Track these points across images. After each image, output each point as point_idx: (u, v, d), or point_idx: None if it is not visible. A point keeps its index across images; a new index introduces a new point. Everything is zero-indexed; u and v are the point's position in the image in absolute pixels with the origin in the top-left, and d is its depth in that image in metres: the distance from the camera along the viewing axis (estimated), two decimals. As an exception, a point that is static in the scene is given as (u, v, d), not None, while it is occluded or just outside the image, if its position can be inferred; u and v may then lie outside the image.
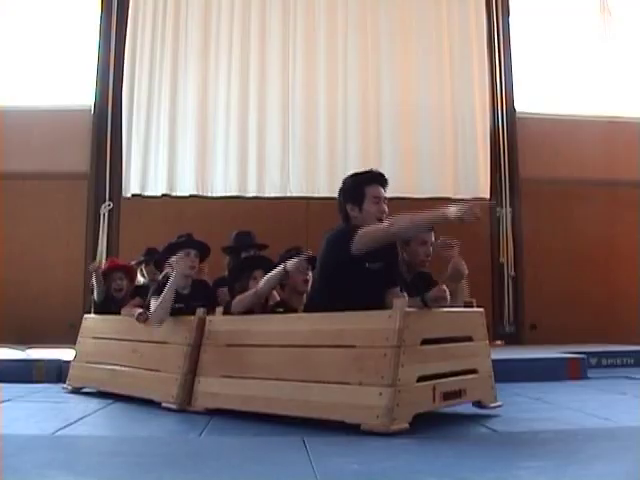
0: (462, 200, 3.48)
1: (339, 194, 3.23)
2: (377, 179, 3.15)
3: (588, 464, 2.18)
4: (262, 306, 3.59)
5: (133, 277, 4.55)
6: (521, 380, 4.63)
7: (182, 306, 3.75)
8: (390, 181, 7.40)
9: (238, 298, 3.44)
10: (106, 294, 4.47)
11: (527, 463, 2.17)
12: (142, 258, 4.77)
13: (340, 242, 3.03)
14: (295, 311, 3.51)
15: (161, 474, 2.10)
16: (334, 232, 3.14)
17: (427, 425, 2.81)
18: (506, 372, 4.47)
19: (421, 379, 2.79)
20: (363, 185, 3.12)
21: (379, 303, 2.91)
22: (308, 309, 3.26)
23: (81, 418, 3.18)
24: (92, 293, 4.59)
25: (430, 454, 2.34)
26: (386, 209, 3.12)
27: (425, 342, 2.85)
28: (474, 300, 3.31)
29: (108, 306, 4.40)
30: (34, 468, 2.10)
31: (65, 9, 7.95)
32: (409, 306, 2.89)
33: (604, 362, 5.78)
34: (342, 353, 2.87)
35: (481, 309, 3.32)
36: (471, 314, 3.27)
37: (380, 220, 3.06)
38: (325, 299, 3.03)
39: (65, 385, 4.36)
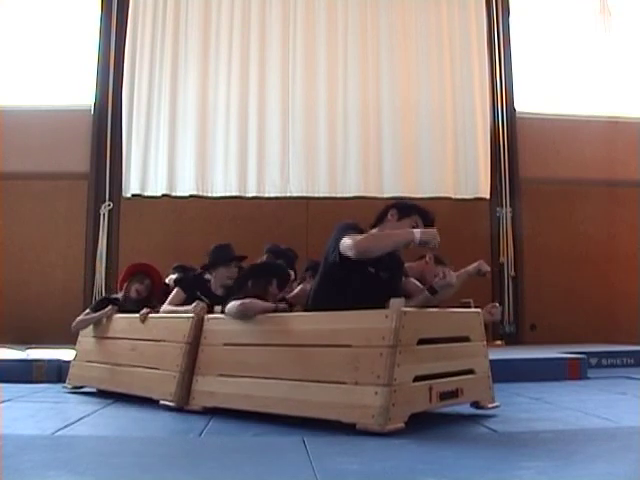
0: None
1: (392, 204, 3.34)
2: (427, 219, 3.25)
3: (588, 464, 2.18)
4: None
5: (155, 277, 4.47)
6: (521, 380, 4.63)
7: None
8: (390, 181, 7.45)
9: (248, 301, 3.34)
10: (125, 295, 4.39)
11: (527, 463, 2.17)
12: (174, 274, 4.63)
13: (337, 240, 3.06)
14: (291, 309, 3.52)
15: (161, 474, 2.10)
16: (338, 229, 3.14)
17: (426, 425, 2.81)
18: (506, 372, 4.48)
19: (417, 379, 2.78)
20: (415, 211, 3.26)
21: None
22: (310, 306, 3.25)
23: (81, 418, 3.18)
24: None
25: (430, 454, 2.34)
26: None
27: (422, 342, 2.85)
28: (471, 300, 3.31)
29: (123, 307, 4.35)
30: (34, 468, 2.10)
31: (65, 9, 7.95)
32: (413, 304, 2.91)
33: (604, 362, 5.78)
34: (338, 352, 2.87)
35: (478, 309, 3.32)
36: (468, 314, 3.27)
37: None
38: (326, 297, 3.03)
39: (65, 384, 4.36)
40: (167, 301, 3.94)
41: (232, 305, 3.35)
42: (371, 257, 2.98)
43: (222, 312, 3.50)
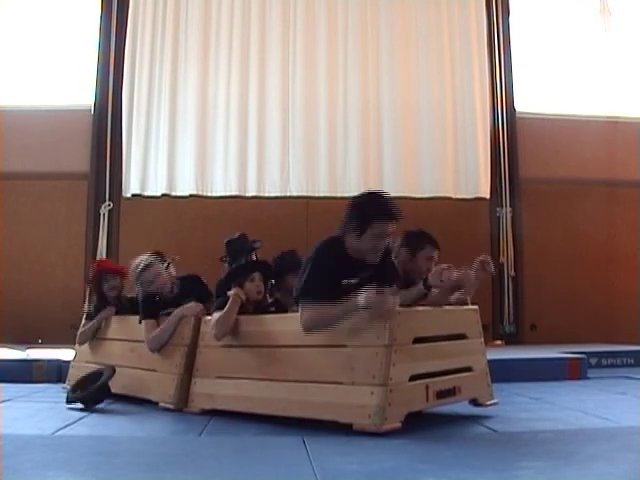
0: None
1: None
2: (389, 215, 3.00)
3: (588, 464, 2.18)
4: (255, 306, 3.58)
5: (119, 270, 4.47)
6: (521, 380, 4.63)
7: None
8: (390, 181, 7.49)
9: (218, 316, 3.36)
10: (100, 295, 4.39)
11: (527, 463, 2.17)
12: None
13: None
14: (287, 310, 3.51)
15: (161, 474, 2.10)
16: (320, 243, 3.10)
17: (426, 425, 2.82)
18: (506, 372, 4.48)
19: (414, 378, 2.78)
20: (371, 217, 2.98)
21: None
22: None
23: (81, 418, 3.19)
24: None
25: (430, 454, 2.34)
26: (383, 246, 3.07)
27: (418, 340, 2.85)
28: (468, 298, 3.30)
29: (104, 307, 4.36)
30: (34, 468, 2.10)
31: (65, 9, 7.94)
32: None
33: (604, 362, 5.77)
34: (334, 353, 2.87)
35: (475, 306, 3.31)
36: (465, 312, 3.26)
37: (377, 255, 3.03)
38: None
39: (65, 385, 4.36)
40: (145, 334, 3.73)
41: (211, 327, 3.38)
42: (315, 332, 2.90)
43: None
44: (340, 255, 3.02)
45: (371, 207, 3.00)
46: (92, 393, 3.45)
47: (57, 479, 2.00)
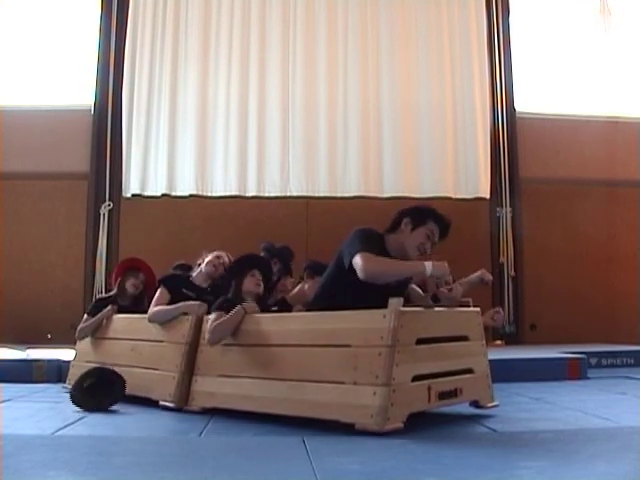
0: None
1: (407, 210, 3.23)
2: (443, 225, 3.19)
3: (588, 464, 2.18)
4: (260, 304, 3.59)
5: (147, 271, 4.48)
6: (521, 380, 4.63)
7: None
8: (390, 181, 7.49)
9: (217, 323, 3.36)
10: (120, 290, 4.44)
11: (527, 463, 2.17)
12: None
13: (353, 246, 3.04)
14: (290, 310, 3.52)
15: (161, 474, 2.09)
16: (357, 234, 3.12)
17: (426, 425, 2.81)
18: (506, 372, 4.48)
19: (416, 378, 2.78)
20: (430, 218, 3.18)
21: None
22: (311, 305, 3.26)
23: (81, 418, 3.18)
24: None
25: (430, 454, 2.34)
26: (428, 250, 3.18)
27: (420, 342, 2.85)
28: (470, 300, 3.31)
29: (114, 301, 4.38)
30: (34, 468, 2.10)
31: (65, 9, 7.95)
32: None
33: (604, 362, 5.78)
34: (337, 352, 2.86)
35: (477, 309, 3.32)
36: (467, 314, 3.26)
37: (420, 252, 3.14)
38: (332, 297, 3.05)
39: (65, 385, 4.36)
40: (153, 302, 3.85)
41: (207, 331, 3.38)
42: (376, 282, 2.93)
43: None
44: (380, 248, 3.07)
45: (432, 212, 3.22)
46: (100, 404, 3.41)
47: (57, 479, 2.00)
